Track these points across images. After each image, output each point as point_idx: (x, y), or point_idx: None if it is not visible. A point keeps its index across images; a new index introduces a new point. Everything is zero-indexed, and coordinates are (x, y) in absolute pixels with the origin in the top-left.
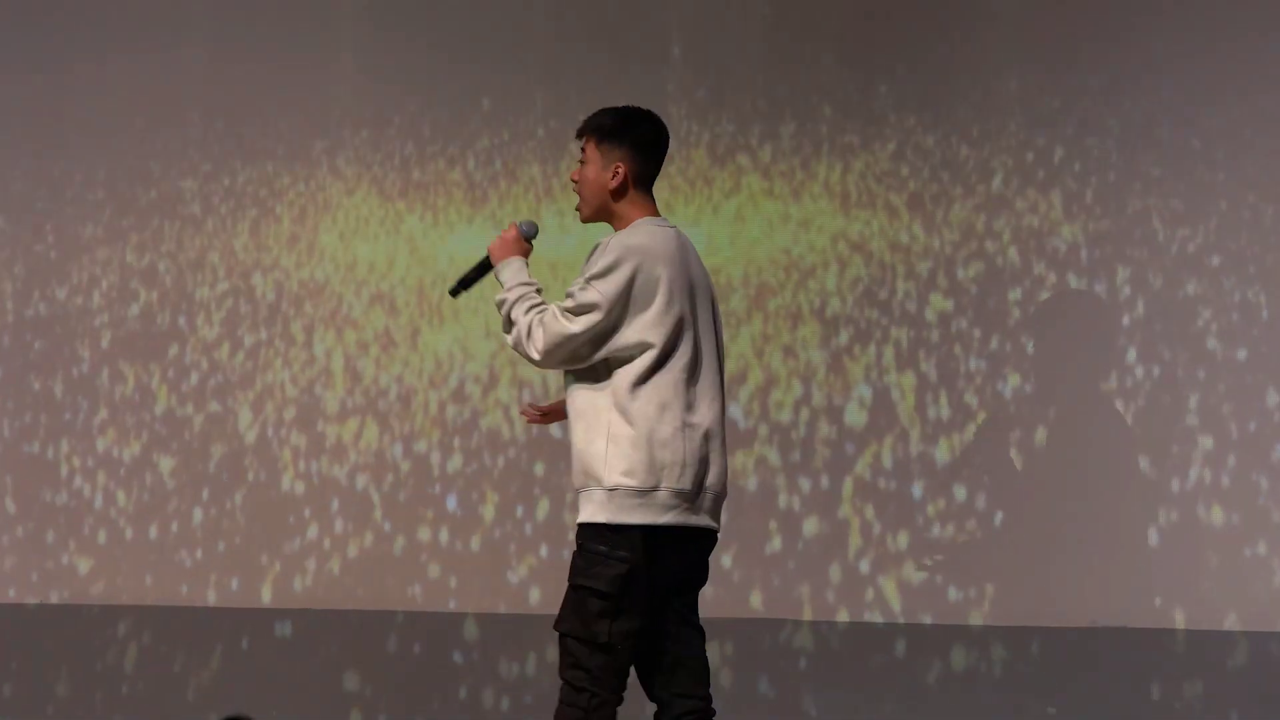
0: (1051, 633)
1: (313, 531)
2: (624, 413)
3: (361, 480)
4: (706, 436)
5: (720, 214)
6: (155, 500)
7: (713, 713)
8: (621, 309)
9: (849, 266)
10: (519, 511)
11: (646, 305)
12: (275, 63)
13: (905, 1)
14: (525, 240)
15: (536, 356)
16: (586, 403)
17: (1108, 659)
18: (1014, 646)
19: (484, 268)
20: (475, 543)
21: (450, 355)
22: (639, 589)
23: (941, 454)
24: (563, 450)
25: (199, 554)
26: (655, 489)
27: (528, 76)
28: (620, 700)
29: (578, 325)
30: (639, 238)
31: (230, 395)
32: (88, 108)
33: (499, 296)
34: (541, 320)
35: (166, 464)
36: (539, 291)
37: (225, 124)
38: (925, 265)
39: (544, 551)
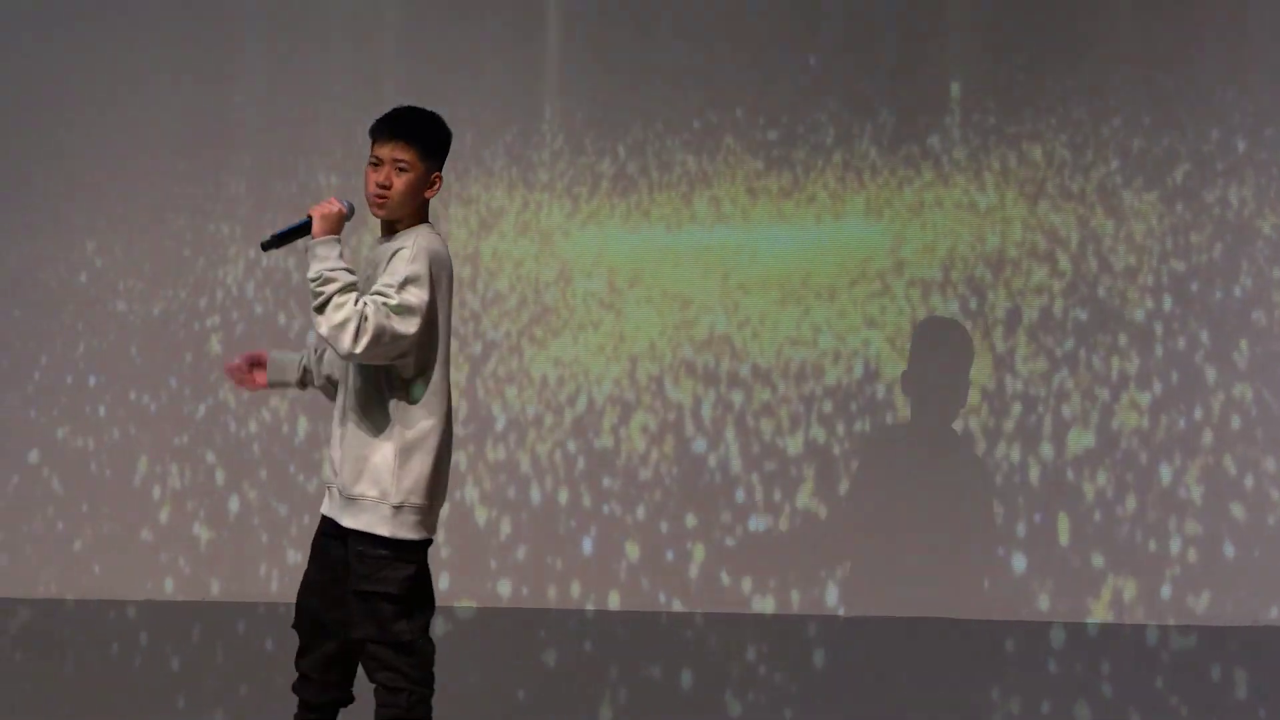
0: None
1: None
2: (410, 422)
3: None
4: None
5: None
6: None
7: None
8: (432, 315)
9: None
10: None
11: (444, 313)
12: (422, 59)
13: None
14: (344, 221)
15: (357, 350)
16: (374, 405)
17: None
18: None
19: (303, 230)
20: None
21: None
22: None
23: None
24: None
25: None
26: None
27: (681, 68)
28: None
29: (403, 327)
30: (437, 244)
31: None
32: (244, 110)
33: (321, 273)
34: (371, 314)
35: None
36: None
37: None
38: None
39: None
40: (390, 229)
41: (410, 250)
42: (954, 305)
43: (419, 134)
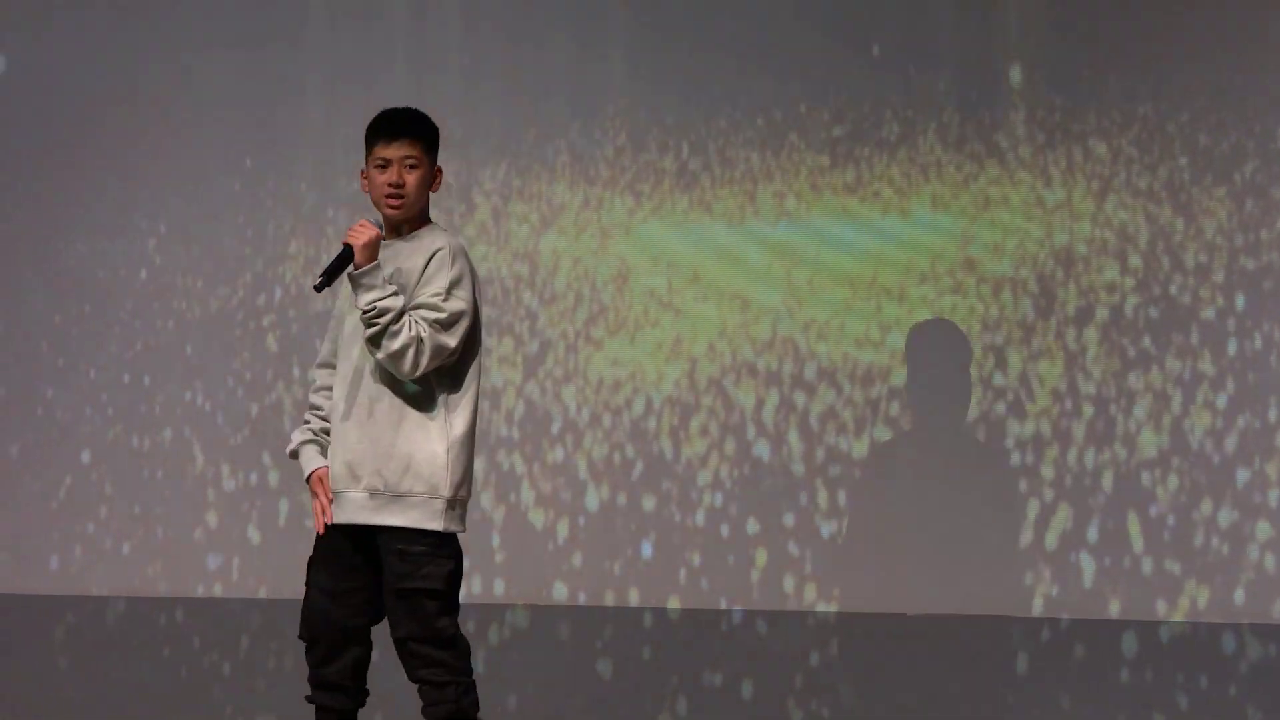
0: None
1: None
2: (455, 416)
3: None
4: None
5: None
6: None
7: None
8: (476, 315)
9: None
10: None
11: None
12: (484, 57)
13: None
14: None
15: (417, 374)
16: (419, 402)
17: None
18: None
19: (346, 259)
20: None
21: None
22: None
23: None
24: None
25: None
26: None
27: (747, 63)
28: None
29: (454, 339)
30: (459, 239)
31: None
32: (305, 108)
33: (374, 305)
34: (426, 336)
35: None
36: None
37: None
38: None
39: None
40: (396, 229)
41: (446, 252)
42: (1026, 304)
43: (422, 130)
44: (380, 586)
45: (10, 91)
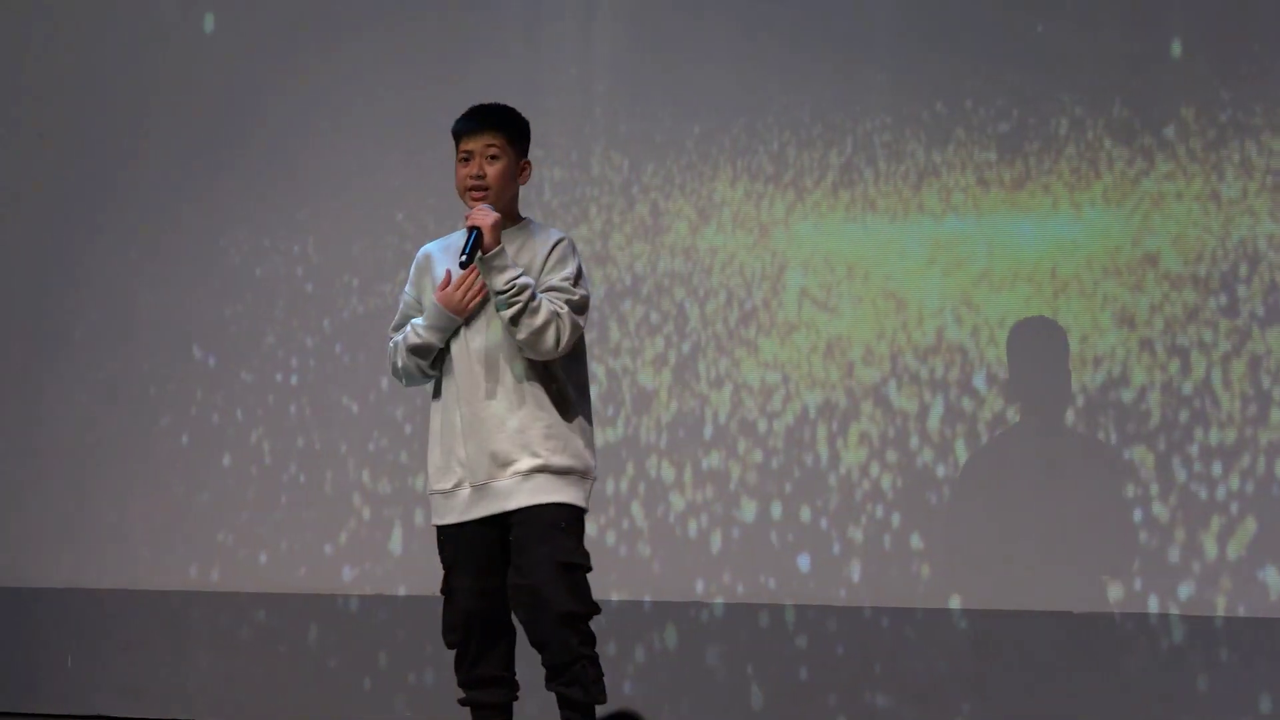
0: None
1: None
2: (585, 396)
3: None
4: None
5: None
6: None
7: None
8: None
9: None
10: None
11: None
12: (645, 53)
13: None
14: None
15: (559, 350)
16: (563, 382)
17: None
18: None
19: (479, 241)
20: None
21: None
22: None
23: None
24: None
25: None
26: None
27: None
28: None
29: (584, 323)
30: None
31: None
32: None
33: (512, 284)
34: (565, 314)
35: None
36: None
37: (602, 111)
38: None
39: None
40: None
41: (568, 244)
42: (1213, 303)
43: (503, 122)
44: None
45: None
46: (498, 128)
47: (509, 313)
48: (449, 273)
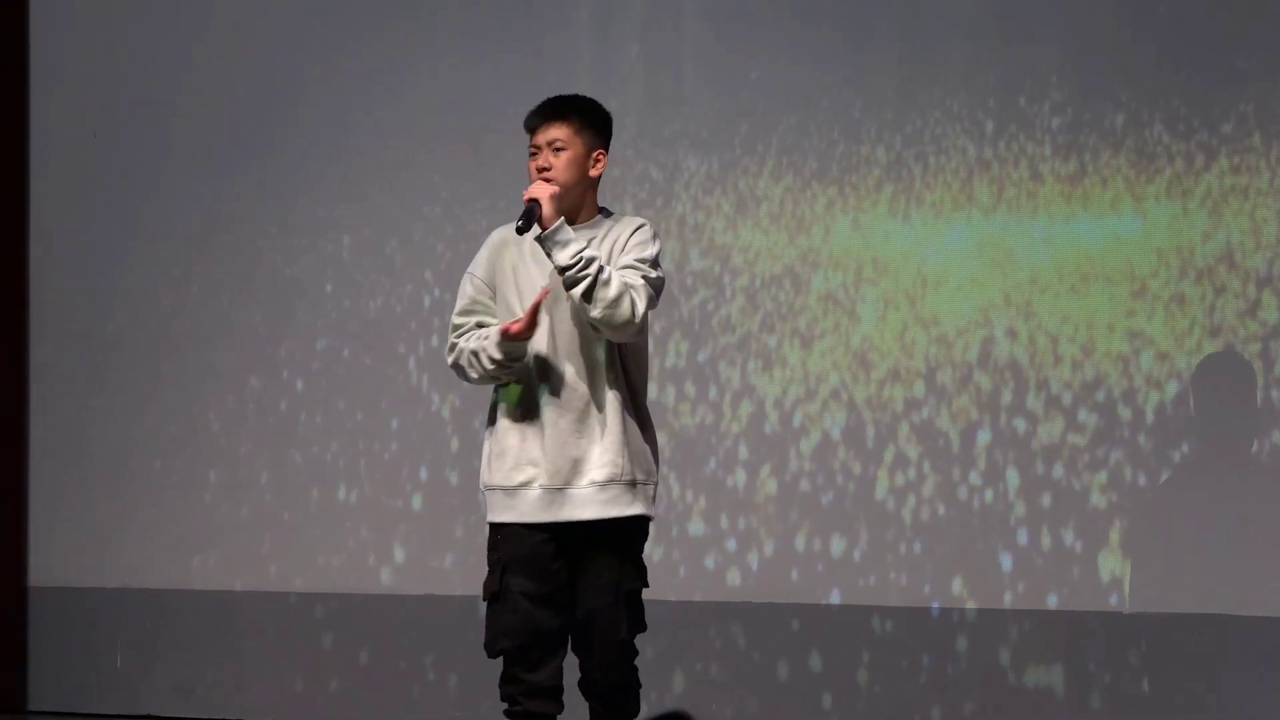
0: None
1: None
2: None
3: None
4: None
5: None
6: None
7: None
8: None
9: None
10: None
11: None
12: (707, 48)
13: None
14: None
15: (636, 318)
16: (634, 388)
17: None
18: None
19: (532, 213)
20: None
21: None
22: None
23: None
24: None
25: None
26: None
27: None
28: None
29: (654, 303)
30: None
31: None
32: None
33: (580, 256)
34: (638, 284)
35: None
36: None
37: (638, 111)
38: None
39: None
40: (569, 219)
41: (650, 229)
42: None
43: (570, 111)
44: (571, 586)
45: None
46: (563, 118)
47: (579, 290)
48: (527, 314)
